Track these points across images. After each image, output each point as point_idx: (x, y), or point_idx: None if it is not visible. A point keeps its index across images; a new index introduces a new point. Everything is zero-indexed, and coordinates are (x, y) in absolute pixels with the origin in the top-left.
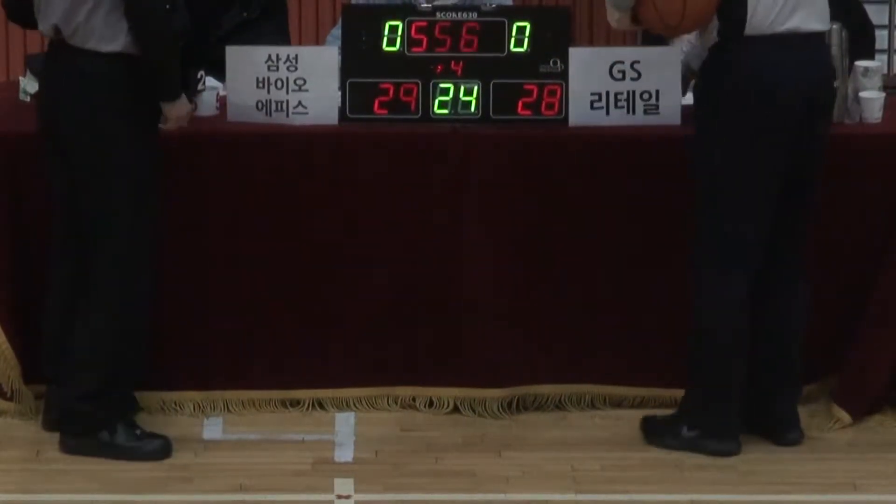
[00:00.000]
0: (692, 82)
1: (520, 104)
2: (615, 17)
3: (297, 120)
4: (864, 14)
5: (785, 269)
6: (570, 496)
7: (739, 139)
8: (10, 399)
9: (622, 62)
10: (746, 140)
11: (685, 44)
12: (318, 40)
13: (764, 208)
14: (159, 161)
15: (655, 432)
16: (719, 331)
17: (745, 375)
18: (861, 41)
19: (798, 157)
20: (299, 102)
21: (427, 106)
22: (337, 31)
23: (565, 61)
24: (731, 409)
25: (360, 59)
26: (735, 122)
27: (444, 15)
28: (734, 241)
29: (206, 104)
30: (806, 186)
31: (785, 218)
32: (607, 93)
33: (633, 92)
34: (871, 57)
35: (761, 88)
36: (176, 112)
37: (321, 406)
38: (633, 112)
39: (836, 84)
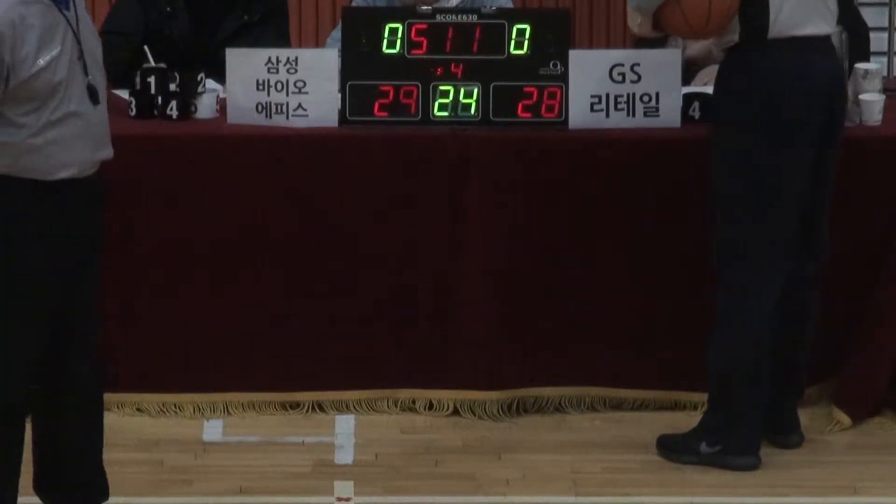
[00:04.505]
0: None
1: (520, 106)
2: (637, 22)
3: (297, 122)
4: (858, 15)
5: (802, 274)
6: (571, 499)
7: (767, 140)
8: None
9: (622, 64)
10: (774, 141)
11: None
12: (318, 42)
13: (792, 214)
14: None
15: (673, 449)
16: (750, 346)
17: (768, 390)
18: (855, 42)
19: (817, 160)
20: (299, 105)
21: (427, 108)
22: (337, 34)
23: (565, 64)
24: (754, 424)
25: (359, 62)
26: (762, 123)
27: (445, 17)
28: (762, 249)
29: (206, 106)
30: (822, 191)
31: (804, 220)
32: (607, 95)
33: (633, 94)
34: (866, 58)
35: (788, 91)
36: None
37: (321, 408)
38: (633, 114)
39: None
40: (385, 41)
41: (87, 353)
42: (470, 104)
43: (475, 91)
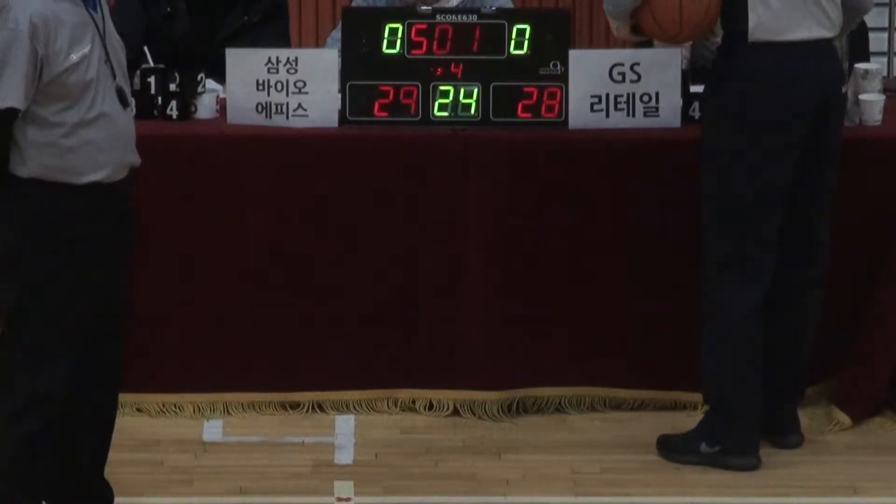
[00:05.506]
0: None
1: (520, 107)
2: (614, 26)
3: (297, 122)
4: None
5: (801, 276)
6: (570, 498)
7: (751, 144)
8: None
9: (622, 64)
10: (758, 145)
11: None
12: (318, 43)
13: (777, 213)
14: (77, 283)
15: (673, 449)
16: (738, 344)
17: (761, 389)
18: (855, 42)
19: (812, 161)
20: (299, 105)
21: (427, 108)
22: (337, 34)
23: (565, 64)
24: (752, 424)
25: (360, 62)
26: (745, 127)
27: (445, 17)
28: (746, 248)
29: (206, 107)
30: (819, 192)
31: (802, 223)
32: (607, 95)
33: (633, 94)
34: (866, 58)
35: (770, 94)
36: None
37: (321, 408)
38: (633, 114)
39: (844, 88)
40: (385, 41)
41: (111, 365)
42: (470, 104)
43: (475, 91)
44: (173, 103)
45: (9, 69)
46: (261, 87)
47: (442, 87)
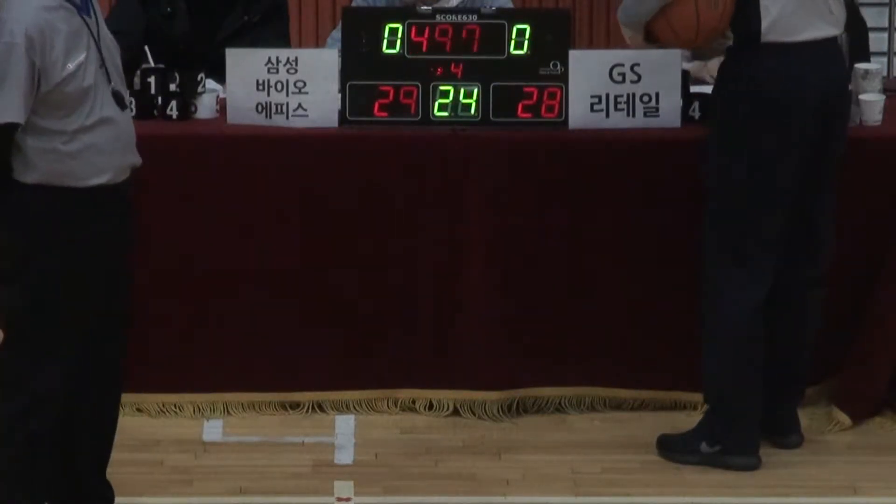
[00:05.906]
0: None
1: (520, 107)
2: (628, 35)
3: (297, 122)
4: (858, 14)
5: (802, 276)
6: (570, 499)
7: (755, 144)
8: None
9: (622, 65)
10: (762, 145)
11: None
12: (318, 42)
13: (779, 214)
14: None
15: (673, 449)
16: (738, 344)
17: (761, 386)
18: (855, 42)
19: (815, 161)
20: (299, 105)
21: (427, 108)
22: (337, 34)
23: (565, 64)
24: (752, 424)
25: (359, 62)
26: (750, 127)
27: (444, 17)
28: (746, 248)
29: (206, 107)
30: (821, 192)
31: (803, 223)
32: (607, 95)
33: (633, 94)
34: (866, 58)
35: (777, 95)
36: None
37: (321, 408)
38: (633, 114)
39: (850, 87)
40: (385, 41)
41: (111, 366)
42: (470, 104)
43: (475, 91)
44: (173, 103)
45: (7, 84)
46: (261, 87)
47: (442, 87)
